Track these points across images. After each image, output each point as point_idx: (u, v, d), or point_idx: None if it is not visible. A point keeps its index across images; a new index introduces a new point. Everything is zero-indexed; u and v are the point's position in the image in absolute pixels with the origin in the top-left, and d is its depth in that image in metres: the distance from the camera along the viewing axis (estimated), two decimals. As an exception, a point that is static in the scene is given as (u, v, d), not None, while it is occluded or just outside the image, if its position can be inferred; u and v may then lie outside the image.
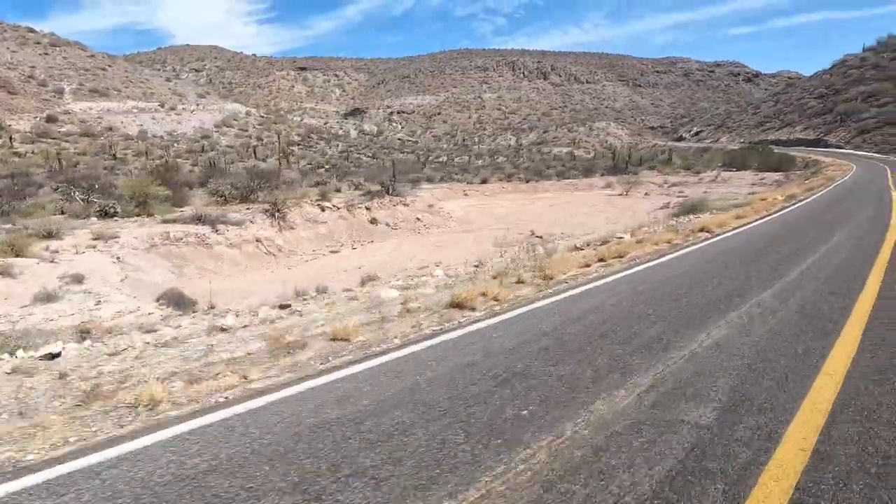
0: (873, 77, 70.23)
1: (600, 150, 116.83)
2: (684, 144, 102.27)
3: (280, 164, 29.87)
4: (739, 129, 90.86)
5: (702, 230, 10.26)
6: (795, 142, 65.17)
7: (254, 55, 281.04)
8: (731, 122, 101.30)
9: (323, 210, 16.21)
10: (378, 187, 22.67)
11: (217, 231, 12.22)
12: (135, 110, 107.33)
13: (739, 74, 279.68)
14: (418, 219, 18.66)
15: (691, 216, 12.88)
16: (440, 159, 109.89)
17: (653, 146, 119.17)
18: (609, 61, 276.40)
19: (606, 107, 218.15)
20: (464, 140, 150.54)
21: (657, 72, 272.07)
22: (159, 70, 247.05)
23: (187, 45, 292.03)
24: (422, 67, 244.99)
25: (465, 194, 30.87)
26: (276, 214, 14.21)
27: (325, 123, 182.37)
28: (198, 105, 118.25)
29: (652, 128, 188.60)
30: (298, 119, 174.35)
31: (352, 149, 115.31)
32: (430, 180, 35.45)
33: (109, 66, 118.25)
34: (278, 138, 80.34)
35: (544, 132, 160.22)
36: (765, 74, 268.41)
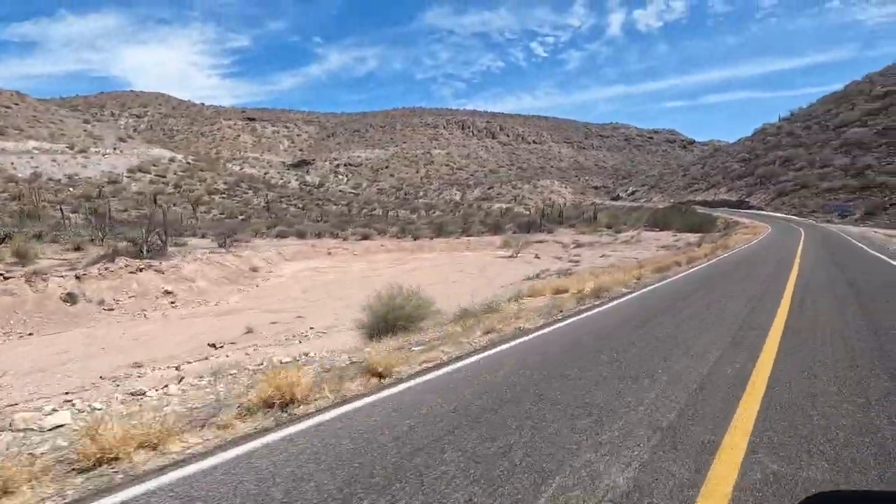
0: (788, 143, 72.55)
1: (541, 206, 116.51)
2: (620, 203, 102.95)
3: (85, 217, 23.70)
4: (670, 190, 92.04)
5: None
6: (720, 203, 64.97)
7: (202, 104, 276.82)
8: (664, 183, 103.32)
9: (-30, 281, 10.37)
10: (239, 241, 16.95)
11: None
12: (35, 151, 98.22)
13: (675, 141, 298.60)
14: (168, 292, 12.97)
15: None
16: (375, 212, 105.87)
17: (590, 204, 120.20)
18: (555, 124, 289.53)
19: (552, 166, 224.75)
20: (405, 194, 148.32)
21: (600, 136, 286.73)
22: (95, 114, 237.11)
23: (132, 90, 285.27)
24: (373, 123, 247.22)
25: (329, 253, 25.38)
26: None
27: (266, 173, 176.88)
28: (114, 149, 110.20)
29: (595, 187, 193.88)
30: (237, 168, 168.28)
31: (282, 199, 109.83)
32: (300, 235, 29.85)
33: (17, 104, 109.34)
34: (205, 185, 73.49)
35: (489, 188, 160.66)
36: (698, 142, 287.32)
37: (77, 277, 11.69)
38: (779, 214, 49.14)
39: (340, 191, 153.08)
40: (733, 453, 3.05)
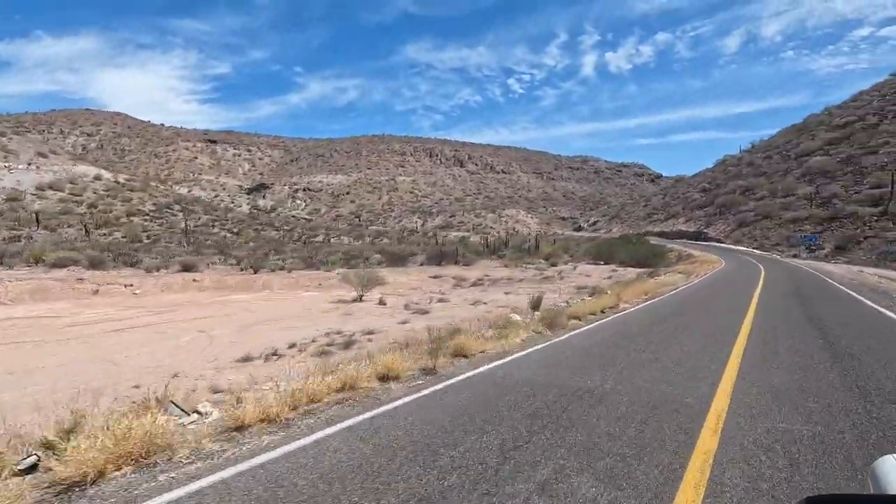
0: (749, 173, 68.42)
1: (499, 235, 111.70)
2: (580, 234, 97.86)
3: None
4: (630, 221, 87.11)
5: None
6: (677, 234, 59.49)
7: (161, 124, 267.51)
8: (625, 213, 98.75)
9: None
10: None
11: None
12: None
13: (643, 175, 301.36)
14: None
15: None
16: (316, 238, 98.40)
17: (551, 234, 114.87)
18: (525, 155, 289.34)
19: (520, 196, 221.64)
20: (359, 221, 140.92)
21: (570, 168, 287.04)
22: (43, 130, 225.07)
23: (87, 109, 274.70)
24: (339, 148, 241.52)
25: (96, 291, 17.31)
26: None
27: (216, 196, 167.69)
28: (28, 165, 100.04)
29: (563, 218, 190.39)
30: (186, 190, 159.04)
31: (216, 223, 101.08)
32: (97, 264, 21.64)
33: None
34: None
35: (451, 217, 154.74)
36: (666, 177, 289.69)
37: None
38: (740, 248, 43.43)
39: (293, 216, 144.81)
40: None
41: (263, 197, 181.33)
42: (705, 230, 55.34)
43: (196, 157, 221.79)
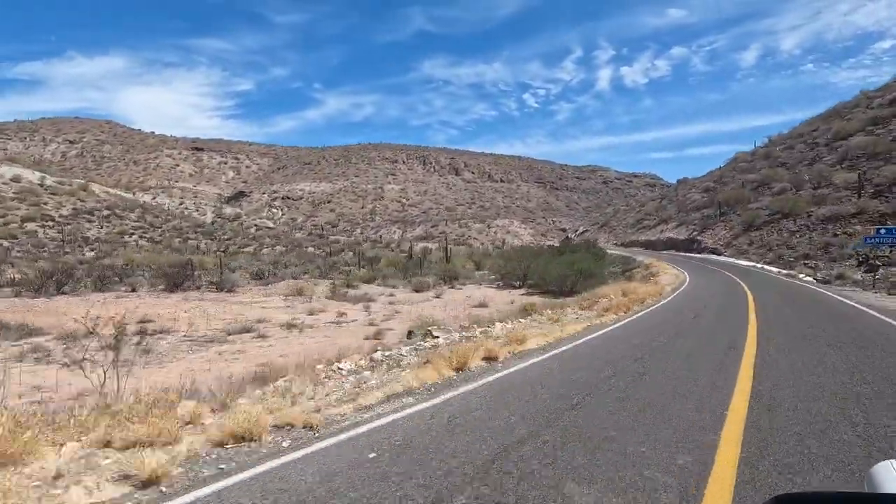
0: (765, 165, 52.63)
1: (490, 248, 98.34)
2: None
3: None
4: (620, 229, 71.57)
5: None
6: (665, 242, 44.26)
7: (152, 132, 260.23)
8: (615, 220, 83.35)
9: None
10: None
11: None
12: None
13: (655, 186, 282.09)
14: None
15: None
16: (247, 248, 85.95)
17: (523, 245, 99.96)
18: (528, 164, 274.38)
19: (518, 206, 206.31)
20: (322, 231, 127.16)
21: (578, 178, 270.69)
22: (25, 137, 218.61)
23: (76, 117, 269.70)
24: (327, 155, 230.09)
25: None
26: None
27: (181, 204, 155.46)
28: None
29: (563, 229, 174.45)
30: (150, 198, 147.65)
31: (139, 230, 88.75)
32: None
33: None
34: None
35: (433, 227, 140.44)
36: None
37: None
38: (743, 262, 28.40)
39: (255, 225, 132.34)
40: None
41: (240, 206, 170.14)
42: (699, 237, 40.13)
43: (178, 165, 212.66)
